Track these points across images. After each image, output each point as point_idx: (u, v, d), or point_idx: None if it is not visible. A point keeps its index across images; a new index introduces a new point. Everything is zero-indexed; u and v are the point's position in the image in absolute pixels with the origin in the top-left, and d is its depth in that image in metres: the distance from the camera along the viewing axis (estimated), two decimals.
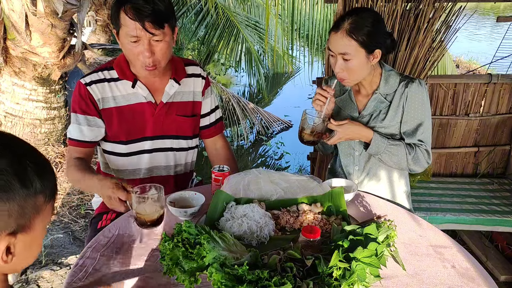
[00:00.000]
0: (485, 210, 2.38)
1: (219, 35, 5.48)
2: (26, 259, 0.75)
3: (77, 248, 2.59)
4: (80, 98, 1.55)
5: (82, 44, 3.44)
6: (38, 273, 2.26)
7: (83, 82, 1.55)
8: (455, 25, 2.31)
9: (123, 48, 1.49)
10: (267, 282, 0.93)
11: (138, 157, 1.65)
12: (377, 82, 1.62)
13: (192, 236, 1.07)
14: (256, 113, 5.07)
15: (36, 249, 0.76)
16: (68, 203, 3.08)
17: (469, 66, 8.24)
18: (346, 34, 1.46)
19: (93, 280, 1.08)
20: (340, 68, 1.52)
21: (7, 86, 3.42)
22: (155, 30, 1.41)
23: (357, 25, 1.46)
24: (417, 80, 1.59)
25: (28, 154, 0.72)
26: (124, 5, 1.40)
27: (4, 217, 0.67)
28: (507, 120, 2.82)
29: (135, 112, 1.59)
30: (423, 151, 1.60)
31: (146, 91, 1.58)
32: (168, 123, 1.64)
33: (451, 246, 1.27)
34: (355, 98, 1.69)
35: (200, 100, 1.72)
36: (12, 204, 0.67)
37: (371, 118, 1.64)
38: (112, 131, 1.60)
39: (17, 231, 0.69)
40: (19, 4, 2.93)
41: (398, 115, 1.61)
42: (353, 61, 1.49)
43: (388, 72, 1.62)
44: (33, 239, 0.73)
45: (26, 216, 0.70)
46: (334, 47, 1.52)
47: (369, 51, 1.49)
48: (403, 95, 1.59)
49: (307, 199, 1.44)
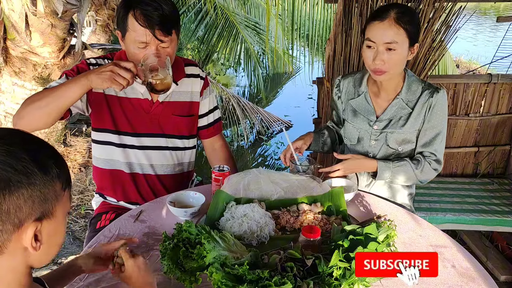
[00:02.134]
0: (485, 210, 2.39)
1: (218, 35, 5.48)
2: (52, 247, 0.77)
3: (77, 248, 2.59)
4: (76, 68, 1.52)
5: (82, 44, 3.44)
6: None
7: (87, 61, 1.55)
8: (455, 25, 2.31)
9: (127, 50, 1.49)
10: (267, 282, 0.93)
11: (132, 151, 1.63)
12: (400, 87, 1.60)
13: (193, 236, 1.07)
14: (256, 113, 5.07)
15: (60, 237, 0.78)
16: None
17: (469, 66, 8.23)
18: (395, 22, 1.44)
19: (93, 280, 1.08)
20: (382, 60, 1.48)
21: (7, 86, 3.41)
22: (164, 37, 1.42)
23: (404, 15, 1.45)
24: (442, 90, 1.57)
25: (41, 142, 0.75)
26: (133, 10, 1.39)
27: (29, 202, 0.69)
28: (507, 120, 2.82)
29: (131, 106, 1.59)
30: (430, 162, 1.59)
31: (144, 88, 1.58)
32: (164, 122, 1.64)
33: (451, 246, 1.27)
34: (373, 101, 1.65)
35: (198, 100, 1.72)
36: (34, 190, 0.69)
37: (389, 123, 1.61)
38: (102, 117, 1.58)
39: (42, 218, 0.71)
40: (19, 4, 2.92)
41: (418, 122, 1.59)
42: (398, 51, 1.46)
43: (411, 78, 1.60)
44: (56, 226, 0.75)
45: (48, 202, 0.72)
46: (378, 36, 1.47)
47: (412, 42, 1.48)
48: (426, 104, 1.56)
49: (307, 199, 1.44)
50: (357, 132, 1.68)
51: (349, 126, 1.70)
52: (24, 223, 0.69)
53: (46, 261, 0.78)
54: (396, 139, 1.61)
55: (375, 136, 1.64)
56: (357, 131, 1.68)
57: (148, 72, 1.38)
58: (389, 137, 1.61)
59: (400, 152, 1.63)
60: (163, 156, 1.68)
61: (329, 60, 2.44)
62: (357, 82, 1.68)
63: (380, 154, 1.66)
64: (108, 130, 1.60)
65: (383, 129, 1.62)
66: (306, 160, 1.62)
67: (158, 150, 1.66)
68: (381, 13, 1.48)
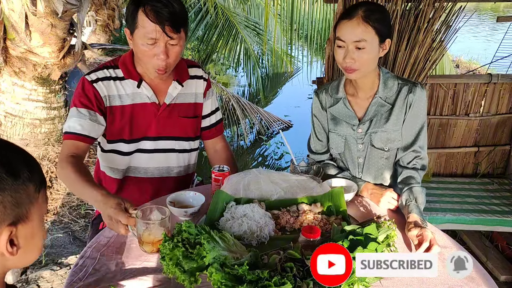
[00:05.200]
0: (485, 210, 2.38)
1: (218, 35, 5.48)
2: (31, 250, 0.77)
3: (77, 248, 2.59)
4: (83, 93, 1.53)
5: (82, 44, 3.44)
6: (38, 273, 2.26)
7: (89, 79, 1.54)
8: (455, 25, 2.31)
9: (135, 48, 1.49)
10: (267, 282, 0.93)
11: (139, 156, 1.64)
12: (376, 84, 1.61)
13: (192, 236, 1.07)
14: (256, 113, 5.07)
15: (39, 239, 0.78)
16: (68, 203, 3.08)
17: (469, 66, 8.23)
18: (362, 21, 1.44)
19: (93, 280, 1.08)
20: (352, 58, 1.47)
21: (7, 86, 3.42)
22: (173, 34, 1.42)
23: (372, 12, 1.45)
24: (419, 85, 1.57)
25: (8, 146, 0.75)
26: (143, 6, 1.40)
27: (0, 208, 0.69)
28: (507, 120, 2.82)
29: (139, 111, 1.59)
30: (418, 166, 1.57)
31: (151, 92, 1.58)
32: (171, 124, 1.64)
33: (451, 246, 1.27)
34: (352, 104, 1.64)
35: (202, 101, 1.72)
36: (5, 195, 0.69)
37: (371, 123, 1.61)
38: (115, 129, 1.59)
39: (16, 222, 0.71)
40: (19, 4, 2.92)
41: (400, 119, 1.59)
42: (367, 49, 1.46)
43: (385, 75, 1.60)
44: (33, 229, 0.75)
45: (21, 206, 0.71)
46: (347, 35, 1.47)
47: (382, 39, 1.48)
48: (407, 100, 1.56)
49: (307, 199, 1.44)
50: (343, 140, 1.67)
51: (333, 135, 1.69)
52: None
53: (27, 263, 0.78)
54: (380, 138, 1.60)
55: (361, 140, 1.64)
56: (342, 138, 1.66)
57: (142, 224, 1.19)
58: (373, 137, 1.61)
59: (387, 151, 1.62)
60: (167, 158, 1.68)
61: (329, 60, 2.44)
62: (333, 90, 1.67)
63: (368, 157, 1.65)
64: (121, 140, 1.61)
65: (367, 130, 1.62)
66: (305, 160, 1.62)
67: (163, 153, 1.66)
68: (349, 12, 1.48)
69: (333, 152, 1.74)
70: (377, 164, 1.66)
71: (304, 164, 1.59)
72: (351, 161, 1.70)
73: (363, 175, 1.70)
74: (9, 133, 3.51)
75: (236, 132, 5.01)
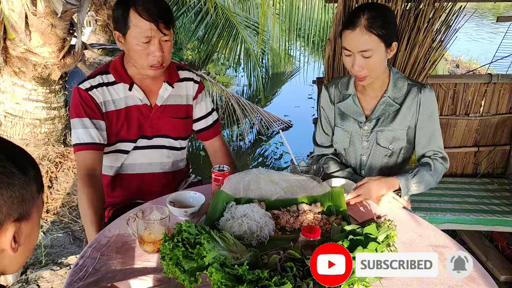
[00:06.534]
0: (485, 210, 2.39)
1: (218, 35, 5.48)
2: (27, 250, 0.77)
3: (77, 248, 2.59)
4: (82, 103, 1.55)
5: (82, 44, 3.44)
6: (38, 273, 2.26)
7: (83, 87, 1.56)
8: (455, 25, 2.32)
9: (130, 49, 1.51)
10: (267, 282, 0.93)
11: (137, 153, 1.67)
12: (386, 84, 1.60)
13: (192, 236, 1.07)
14: (256, 113, 5.06)
15: (35, 239, 0.79)
16: (68, 203, 3.08)
17: (469, 66, 8.23)
18: (366, 30, 1.43)
19: (93, 280, 1.08)
20: (360, 67, 1.48)
21: (7, 86, 3.42)
22: (166, 30, 1.47)
23: (375, 19, 1.43)
24: (428, 86, 1.58)
25: (16, 147, 0.76)
26: (134, 6, 1.43)
27: (9, 203, 0.69)
28: (507, 120, 2.82)
29: (132, 113, 1.62)
30: (439, 160, 1.59)
31: (142, 94, 1.62)
32: (163, 124, 1.67)
33: (451, 246, 1.27)
34: (361, 101, 1.65)
35: (192, 103, 1.74)
36: (14, 190, 0.70)
37: (378, 121, 1.62)
38: (112, 132, 1.61)
39: (20, 219, 0.72)
40: (19, 4, 2.93)
41: (407, 119, 1.59)
42: (374, 57, 1.46)
43: (396, 75, 1.60)
44: (32, 228, 0.76)
45: (26, 203, 0.72)
46: (352, 45, 1.47)
47: (388, 44, 1.48)
48: (415, 101, 1.57)
49: (307, 199, 1.44)
50: (348, 135, 1.67)
51: (338, 130, 1.70)
52: (3, 224, 0.69)
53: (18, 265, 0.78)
54: (386, 137, 1.61)
55: (366, 137, 1.64)
56: (348, 134, 1.67)
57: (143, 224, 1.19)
58: (379, 136, 1.62)
59: (391, 150, 1.63)
60: (163, 154, 1.71)
61: (329, 60, 2.44)
62: (343, 86, 1.68)
63: (372, 155, 1.66)
64: (119, 141, 1.63)
65: (373, 128, 1.62)
66: (305, 160, 1.62)
67: (157, 149, 1.69)
68: (352, 20, 1.46)
69: (337, 147, 1.75)
70: (379, 162, 1.67)
71: (304, 164, 1.59)
72: (354, 157, 1.70)
73: (365, 173, 1.71)
74: (9, 133, 3.52)
75: (236, 132, 5.01)
